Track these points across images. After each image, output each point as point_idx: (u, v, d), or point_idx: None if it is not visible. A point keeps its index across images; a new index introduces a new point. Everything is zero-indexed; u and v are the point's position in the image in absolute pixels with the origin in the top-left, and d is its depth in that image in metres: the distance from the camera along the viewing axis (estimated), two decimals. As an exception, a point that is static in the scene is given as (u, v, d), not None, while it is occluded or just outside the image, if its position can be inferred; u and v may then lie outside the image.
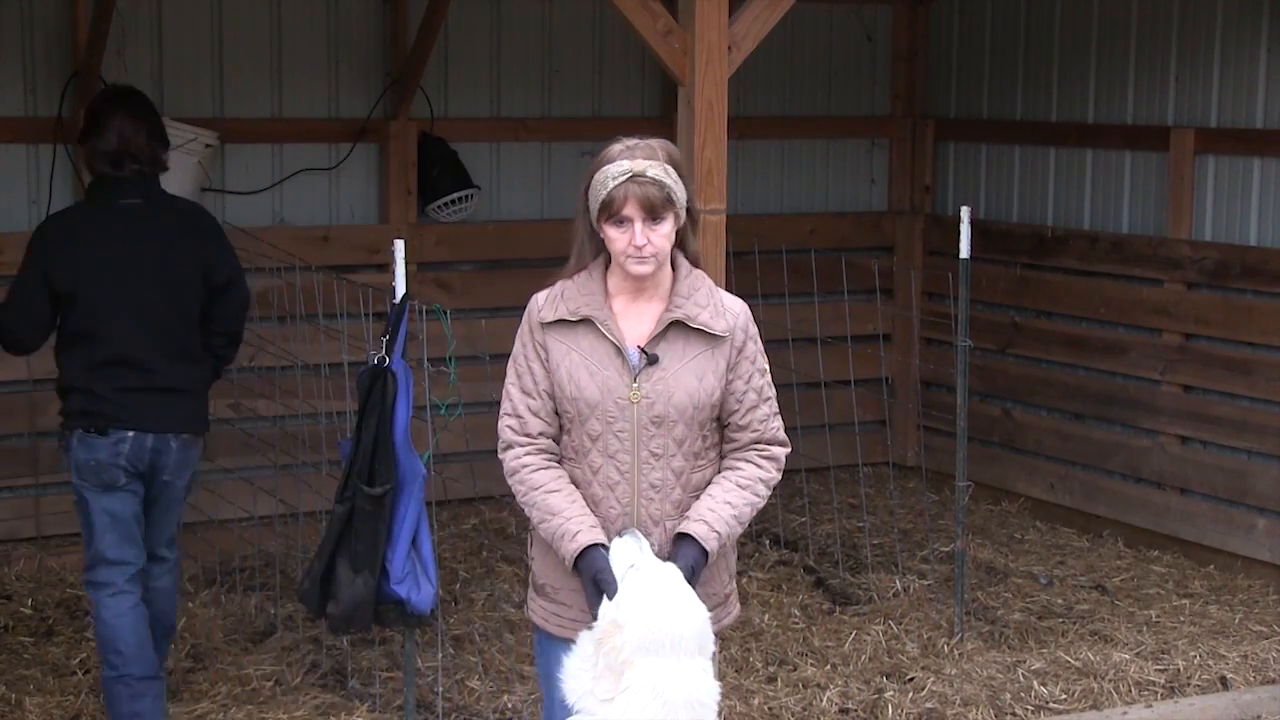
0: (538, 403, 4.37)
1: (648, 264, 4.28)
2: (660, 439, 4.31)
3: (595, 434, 4.32)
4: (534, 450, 4.37)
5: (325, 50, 8.44)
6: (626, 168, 4.23)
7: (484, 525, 8.53)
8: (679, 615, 4.15)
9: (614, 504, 4.33)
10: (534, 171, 9.02)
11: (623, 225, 4.25)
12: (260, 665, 6.80)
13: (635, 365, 4.32)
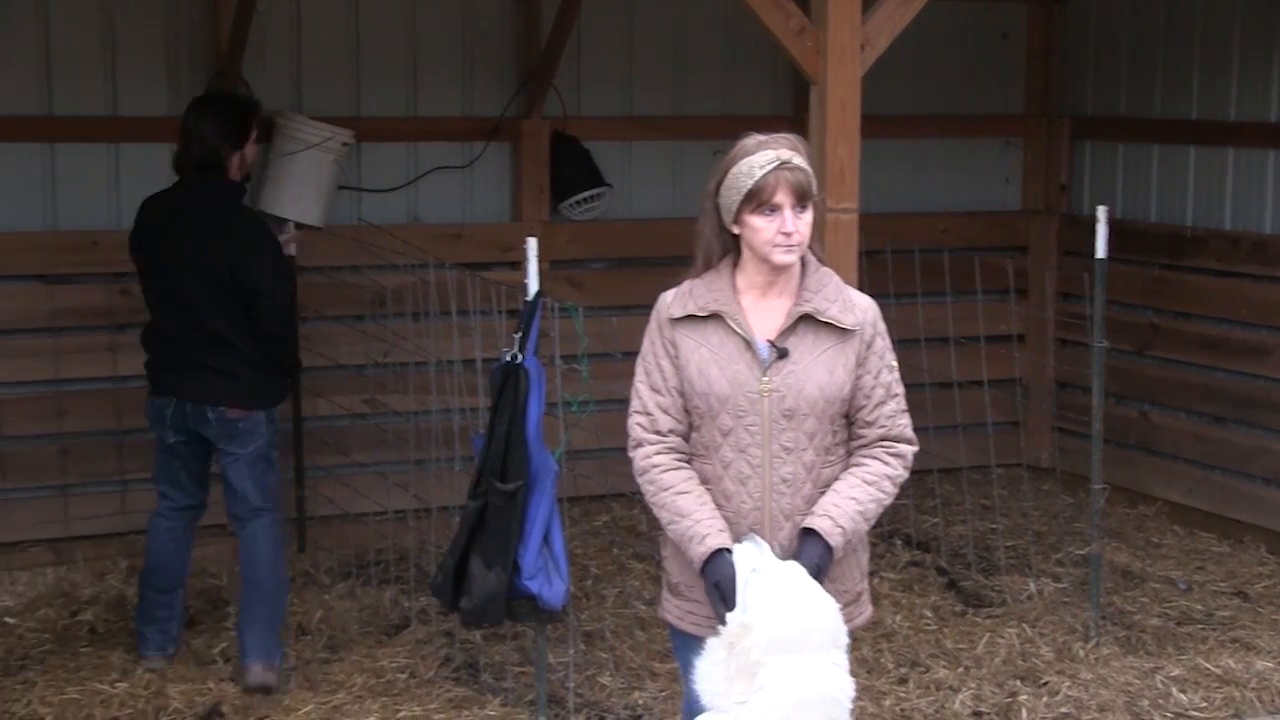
0: (667, 399, 4.42)
1: (794, 253, 4.32)
2: (791, 433, 4.34)
3: (726, 429, 4.36)
4: (664, 449, 4.41)
5: (460, 50, 8.56)
6: (773, 156, 4.27)
7: (615, 522, 8.60)
8: (807, 611, 4.16)
9: (745, 499, 4.37)
10: (665, 170, 9.08)
11: (772, 214, 4.29)
12: (394, 658, 6.92)
13: (765, 359, 4.36)
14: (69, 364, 7.87)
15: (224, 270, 6.44)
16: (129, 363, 7.88)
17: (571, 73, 8.76)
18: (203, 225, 6.49)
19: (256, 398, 6.62)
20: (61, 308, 7.85)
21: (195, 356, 6.55)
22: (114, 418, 7.95)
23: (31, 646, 7.07)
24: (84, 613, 7.41)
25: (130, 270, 7.60)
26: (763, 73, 9.17)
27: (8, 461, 7.82)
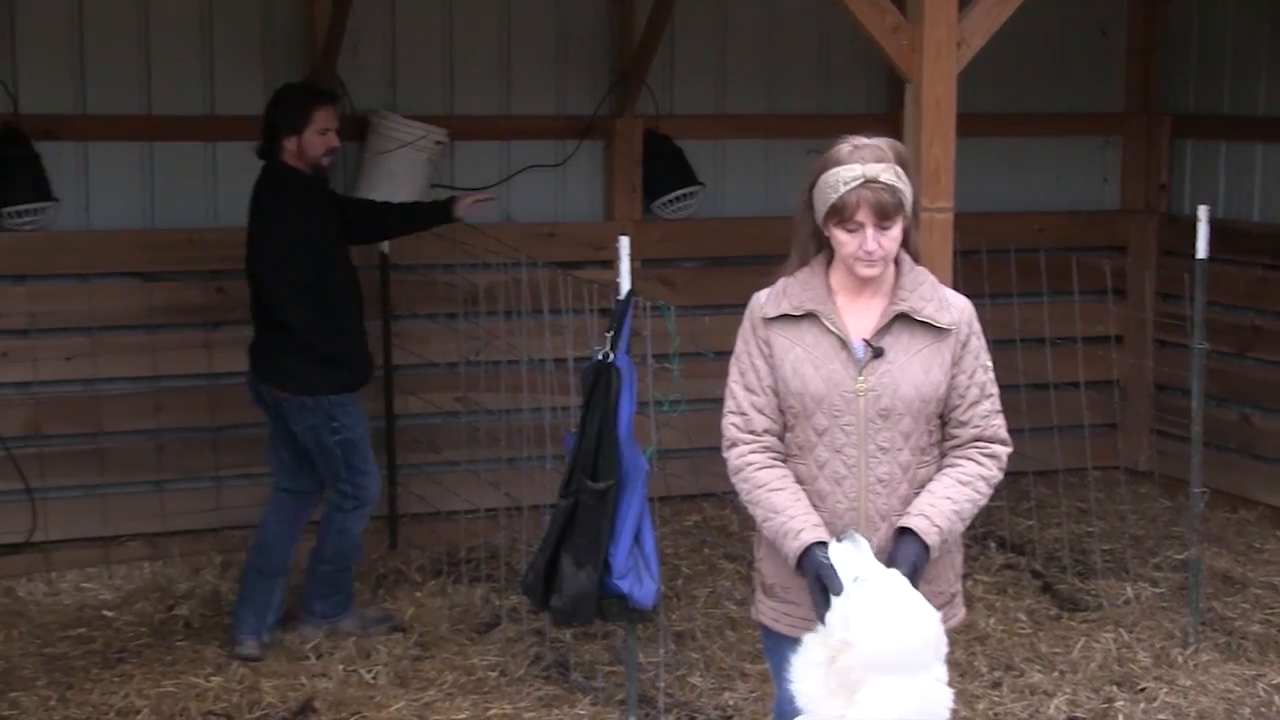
0: (762, 399, 4.42)
1: (876, 267, 4.32)
2: (887, 433, 4.34)
3: (821, 428, 4.36)
4: (758, 448, 4.41)
5: (552, 48, 8.59)
6: (859, 173, 4.24)
7: (706, 522, 8.61)
8: (910, 631, 4.11)
9: (841, 499, 4.36)
10: (757, 168, 9.07)
11: (854, 230, 4.29)
12: (485, 656, 6.96)
13: (860, 358, 4.35)
14: (166, 361, 7.98)
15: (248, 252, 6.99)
16: (224, 359, 7.99)
17: (665, 71, 8.77)
18: (253, 207, 7.02)
19: (295, 382, 6.90)
20: (159, 305, 7.96)
21: (256, 336, 7.08)
22: (209, 414, 8.05)
23: (129, 640, 7.17)
24: (179, 607, 7.51)
25: (225, 268, 7.72)
26: (857, 71, 9.14)
27: (106, 456, 7.93)
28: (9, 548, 7.82)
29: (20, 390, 7.83)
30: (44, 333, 7.81)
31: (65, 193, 7.81)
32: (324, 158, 7.03)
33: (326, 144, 6.99)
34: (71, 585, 7.75)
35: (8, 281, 7.75)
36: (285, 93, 7.08)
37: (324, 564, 7.14)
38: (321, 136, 6.97)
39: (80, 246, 7.84)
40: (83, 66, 7.81)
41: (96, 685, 6.61)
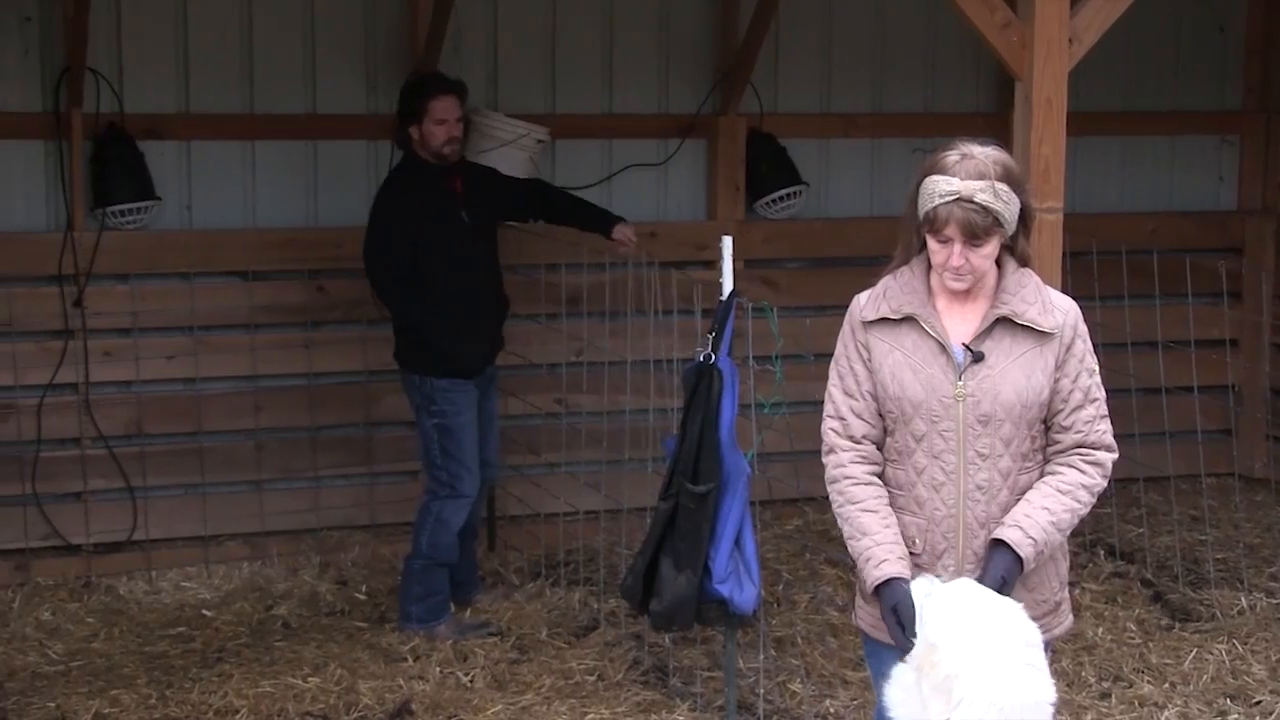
0: (861, 404, 4.40)
1: (964, 281, 4.29)
2: (987, 439, 4.30)
3: (920, 434, 4.33)
4: (857, 458, 4.39)
5: (655, 46, 8.59)
6: (955, 188, 4.20)
7: (808, 526, 8.58)
8: (989, 616, 4.09)
9: (939, 506, 4.33)
10: (863, 168, 9.02)
11: (943, 242, 4.26)
12: (583, 660, 6.97)
13: (960, 363, 4.31)
14: (266, 360, 8.05)
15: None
16: (324, 359, 8.07)
17: (769, 69, 8.75)
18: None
19: (401, 359, 7.27)
20: (260, 304, 8.04)
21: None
22: (309, 414, 8.12)
23: (227, 639, 7.25)
24: (278, 607, 7.58)
25: (326, 267, 7.77)
26: (965, 69, 9.08)
27: (207, 456, 8.02)
28: (111, 546, 7.92)
29: (122, 389, 7.94)
30: (146, 332, 7.90)
31: (168, 192, 7.90)
32: (444, 147, 7.18)
33: (446, 133, 7.16)
34: (171, 584, 7.84)
35: (111, 281, 7.85)
36: (409, 82, 7.33)
37: (419, 558, 7.21)
38: (440, 126, 7.15)
39: (182, 246, 7.93)
40: (186, 65, 7.91)
41: (196, 684, 6.69)
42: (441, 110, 7.15)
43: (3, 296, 7.67)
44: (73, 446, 7.85)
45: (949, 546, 4.34)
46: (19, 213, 7.75)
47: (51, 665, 6.95)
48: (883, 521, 4.33)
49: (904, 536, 4.36)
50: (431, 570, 7.22)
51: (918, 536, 4.35)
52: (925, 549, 4.35)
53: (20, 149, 7.71)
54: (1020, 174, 4.34)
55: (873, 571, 4.29)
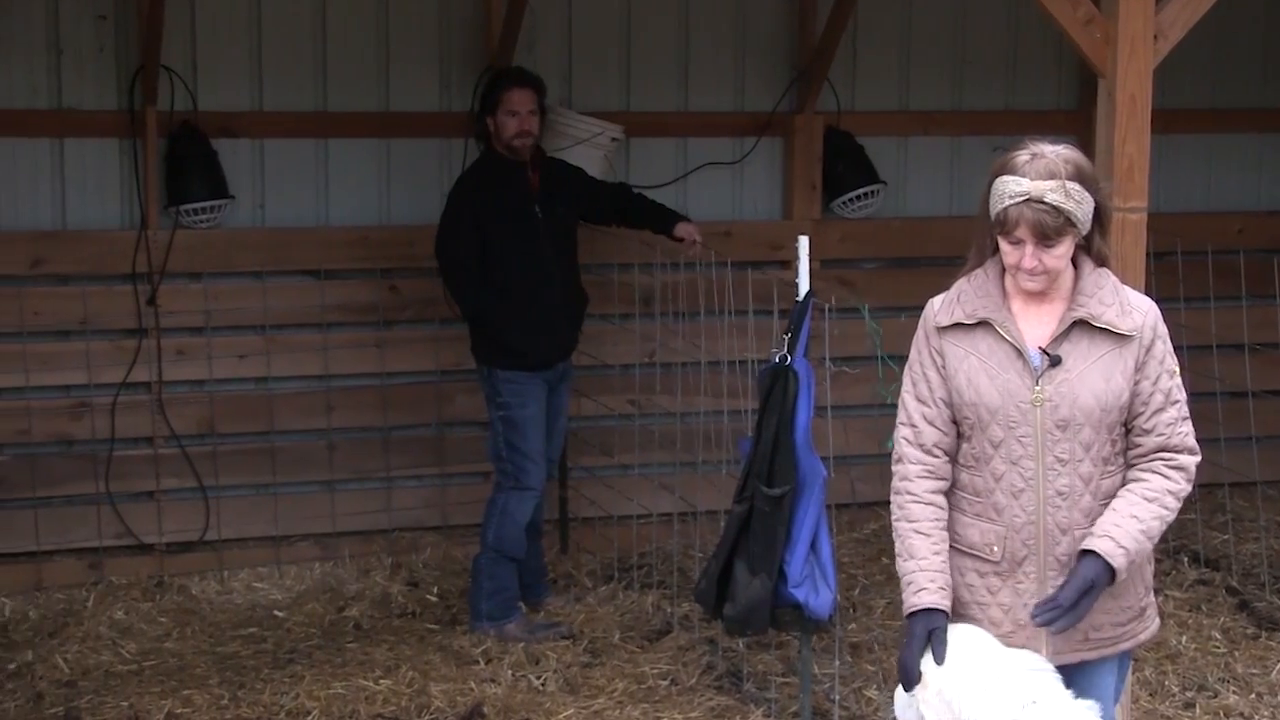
0: (933, 410, 4.39)
1: (1038, 282, 4.27)
2: (1066, 444, 4.28)
3: (997, 440, 4.31)
4: (923, 472, 4.38)
5: (731, 43, 8.59)
6: (1025, 189, 4.19)
7: (885, 530, 8.52)
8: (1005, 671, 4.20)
9: (1019, 512, 4.31)
10: (942, 166, 8.99)
11: (1015, 243, 4.24)
12: (656, 664, 6.98)
13: (1037, 367, 4.29)
14: (338, 360, 8.11)
15: None
16: (396, 359, 8.11)
17: (846, 66, 8.72)
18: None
19: (473, 350, 7.38)
20: (332, 303, 8.09)
21: None
22: (381, 414, 8.17)
23: (299, 640, 7.30)
24: (349, 608, 7.62)
25: (397, 266, 7.81)
26: (1047, 65, 9.02)
27: (279, 456, 8.08)
28: (183, 546, 7.99)
29: (195, 389, 8.01)
30: (219, 331, 7.97)
31: (241, 190, 7.97)
32: (515, 139, 7.25)
33: (518, 126, 7.24)
34: (243, 584, 7.91)
35: (184, 279, 7.92)
36: (488, 75, 7.45)
37: (486, 552, 7.27)
38: (512, 118, 7.24)
39: (255, 244, 7.99)
40: (260, 62, 7.97)
41: (267, 685, 6.74)
42: (515, 102, 7.23)
43: (77, 295, 7.75)
44: (146, 445, 7.93)
45: (1029, 553, 4.32)
46: (93, 210, 7.83)
47: (125, 664, 7.02)
48: (933, 547, 4.34)
49: (982, 544, 4.35)
50: (499, 564, 7.25)
51: (996, 544, 4.34)
52: (1005, 556, 4.33)
53: (95, 147, 7.79)
54: (1094, 172, 4.31)
55: (910, 597, 4.32)
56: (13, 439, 7.74)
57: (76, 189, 7.81)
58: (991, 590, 4.36)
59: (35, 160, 7.74)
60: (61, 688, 6.77)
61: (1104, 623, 4.36)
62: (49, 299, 7.74)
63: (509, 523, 7.25)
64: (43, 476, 7.75)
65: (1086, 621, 4.31)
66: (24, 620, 7.43)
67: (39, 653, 7.06)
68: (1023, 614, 4.33)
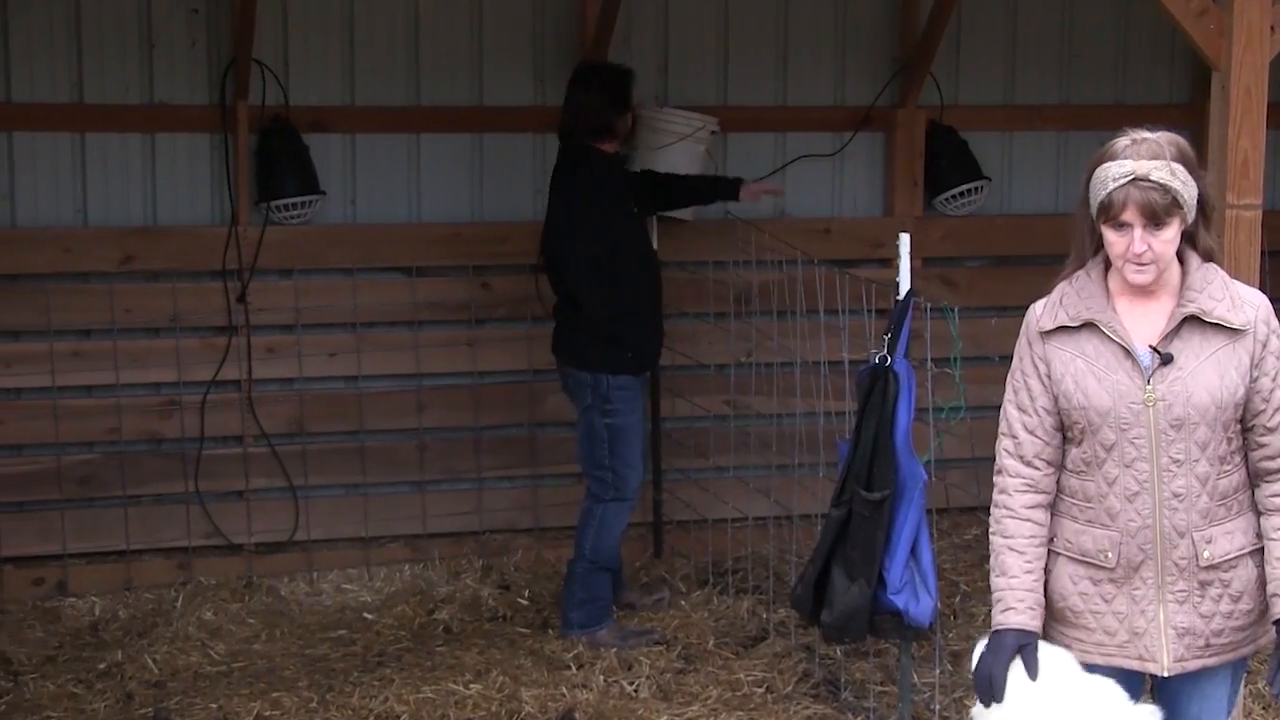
0: (1034, 420, 4.36)
1: (1146, 272, 4.22)
2: (1181, 443, 4.24)
3: (1109, 443, 4.28)
4: (1023, 486, 4.36)
5: (831, 35, 8.57)
6: (1129, 169, 4.16)
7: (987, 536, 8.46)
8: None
9: (1133, 516, 4.28)
10: (1048, 162, 8.93)
11: (1121, 229, 4.20)
12: (751, 671, 6.97)
13: (1147, 366, 4.26)
14: (429, 358, 8.15)
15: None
16: (488, 357, 8.15)
17: (950, 58, 8.68)
18: (553, 185, 7.38)
19: (579, 357, 7.25)
20: (423, 301, 8.14)
21: (556, 314, 7.44)
22: (472, 414, 8.21)
23: (389, 643, 7.35)
24: (439, 611, 7.66)
25: (490, 263, 7.85)
26: (1158, 57, 8.94)
27: (369, 455, 8.14)
28: (272, 546, 8.07)
29: (284, 387, 8.08)
30: (309, 328, 8.04)
31: (332, 185, 8.03)
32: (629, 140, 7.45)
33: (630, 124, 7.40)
34: (332, 586, 7.97)
35: (274, 276, 7.99)
36: (616, 73, 7.44)
37: (581, 562, 7.28)
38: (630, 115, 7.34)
39: (346, 241, 8.05)
40: (352, 57, 8.03)
41: (356, 689, 6.79)
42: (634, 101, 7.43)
43: (168, 291, 7.84)
44: (235, 444, 8.01)
45: (1146, 558, 4.29)
46: (184, 206, 7.92)
47: (214, 665, 7.10)
48: (1025, 565, 4.33)
49: (1096, 550, 4.32)
50: (594, 574, 7.27)
51: (1110, 550, 4.31)
52: (1120, 562, 4.30)
53: (186, 142, 7.88)
54: (1195, 158, 4.27)
55: (998, 615, 4.32)
56: (103, 437, 7.84)
57: (167, 184, 7.90)
58: (1106, 598, 4.33)
59: (126, 155, 7.83)
60: (151, 688, 6.86)
61: (1224, 627, 4.33)
62: (139, 295, 7.84)
63: (606, 535, 7.27)
64: (132, 475, 7.85)
65: (1207, 625, 4.29)
66: (114, 620, 7.53)
67: (128, 653, 7.15)
68: (1140, 621, 4.30)
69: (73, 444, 7.80)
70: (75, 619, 7.55)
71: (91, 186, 7.81)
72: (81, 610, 7.62)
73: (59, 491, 7.77)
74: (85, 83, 7.75)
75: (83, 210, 7.82)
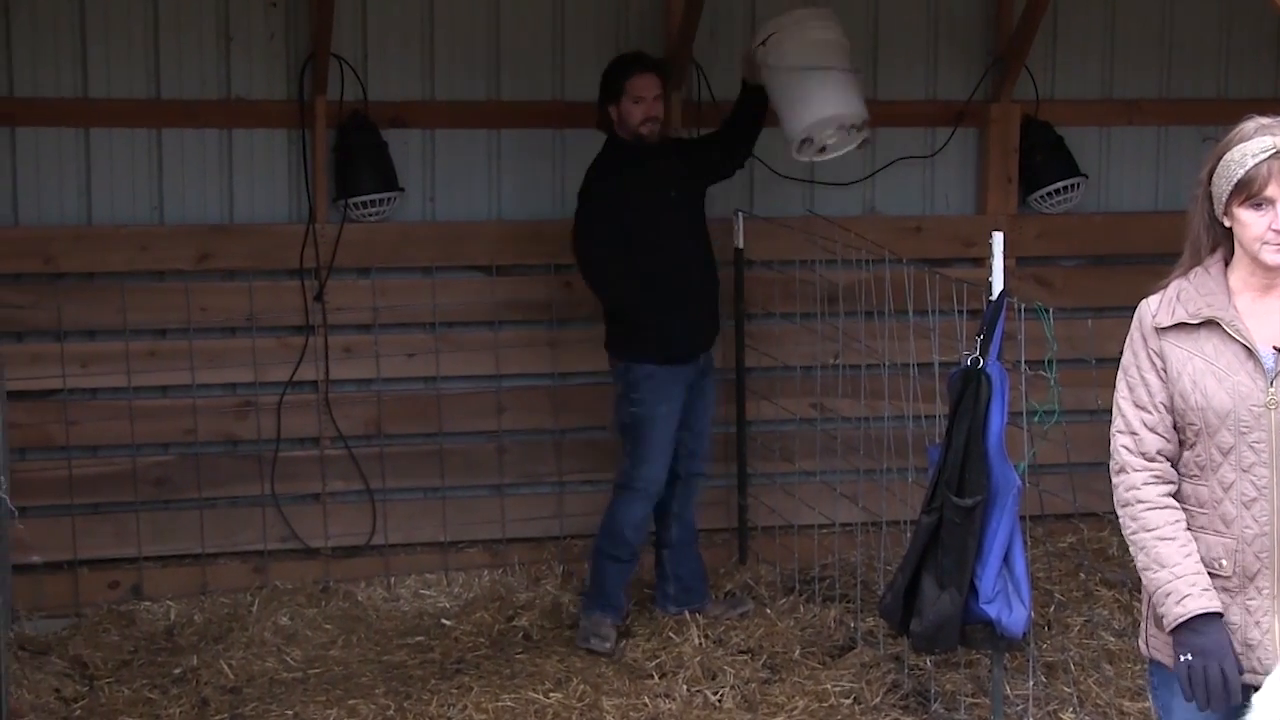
0: (1154, 417, 4.33)
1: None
2: (1304, 448, 4.21)
3: (1226, 447, 4.25)
4: (1151, 478, 4.32)
5: (923, 28, 8.55)
6: (1269, 144, 4.14)
7: (1083, 544, 8.45)
8: None
9: (1250, 524, 4.24)
10: (1148, 158, 8.87)
11: (1261, 208, 4.17)
12: (838, 681, 6.97)
13: (1271, 368, 4.22)
14: (509, 359, 8.19)
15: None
16: (570, 358, 8.17)
17: (1045, 52, 8.64)
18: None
19: (609, 345, 7.54)
20: (503, 300, 8.18)
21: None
22: (553, 416, 8.24)
23: (467, 650, 7.39)
24: (519, 618, 7.70)
25: (572, 261, 7.89)
26: (1263, 49, 8.87)
27: (447, 458, 8.18)
28: (349, 550, 8.12)
29: (362, 388, 8.14)
30: (387, 328, 8.09)
31: (411, 182, 8.09)
32: (642, 126, 7.39)
33: (644, 112, 7.37)
34: (410, 591, 8.01)
35: (352, 275, 8.05)
36: (610, 62, 7.52)
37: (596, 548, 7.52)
38: (637, 105, 7.36)
39: (425, 238, 8.10)
40: (431, 51, 8.08)
41: (434, 696, 6.83)
42: (639, 88, 7.36)
43: (244, 290, 7.92)
44: (312, 446, 8.07)
45: (1263, 567, 4.25)
46: (261, 203, 7.99)
47: (289, 672, 7.16)
48: (1182, 550, 4.26)
49: (1209, 558, 4.28)
50: (601, 561, 7.47)
51: (1225, 558, 4.27)
52: (1235, 571, 4.26)
53: (263, 137, 7.96)
54: None
55: (1174, 608, 4.23)
56: (179, 438, 7.92)
57: (244, 181, 7.97)
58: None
59: (203, 151, 7.91)
60: (226, 694, 6.94)
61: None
62: (215, 294, 7.91)
63: (614, 523, 7.43)
64: (208, 477, 7.93)
65: None
66: (189, 624, 7.61)
67: (204, 658, 7.23)
68: (1254, 633, 4.26)
69: (148, 445, 7.89)
70: (150, 623, 7.63)
71: (168, 183, 7.89)
72: (156, 614, 7.70)
73: (134, 493, 7.86)
74: (162, 77, 7.83)
75: (159, 207, 7.90)
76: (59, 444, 7.77)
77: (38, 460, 7.78)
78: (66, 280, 7.77)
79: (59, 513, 7.76)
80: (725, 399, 8.18)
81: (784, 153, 7.86)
